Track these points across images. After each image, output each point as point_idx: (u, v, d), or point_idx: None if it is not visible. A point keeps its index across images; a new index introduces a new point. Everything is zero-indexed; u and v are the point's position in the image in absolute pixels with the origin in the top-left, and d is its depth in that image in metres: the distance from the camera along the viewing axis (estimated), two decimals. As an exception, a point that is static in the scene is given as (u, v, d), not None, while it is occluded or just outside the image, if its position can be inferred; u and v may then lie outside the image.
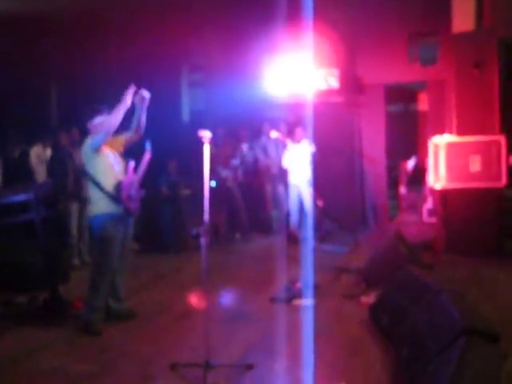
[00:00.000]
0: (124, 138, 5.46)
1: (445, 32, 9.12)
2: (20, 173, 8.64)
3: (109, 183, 5.19)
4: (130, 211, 5.29)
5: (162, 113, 8.68)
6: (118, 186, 5.19)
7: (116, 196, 5.18)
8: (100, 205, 5.22)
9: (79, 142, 8.15)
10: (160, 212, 8.92)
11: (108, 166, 5.23)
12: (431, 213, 10.03)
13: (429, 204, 10.31)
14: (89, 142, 5.25)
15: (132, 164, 5.36)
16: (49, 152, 8.79)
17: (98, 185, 5.17)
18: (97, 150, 5.16)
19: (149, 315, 5.63)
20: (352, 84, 9.97)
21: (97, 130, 5.29)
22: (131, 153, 5.52)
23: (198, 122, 10.89)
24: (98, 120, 5.32)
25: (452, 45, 8.77)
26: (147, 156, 5.53)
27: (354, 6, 9.84)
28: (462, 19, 8.80)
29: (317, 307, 5.69)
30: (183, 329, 5.28)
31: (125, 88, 5.27)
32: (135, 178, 5.41)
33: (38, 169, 8.75)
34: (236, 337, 5.00)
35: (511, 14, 9.10)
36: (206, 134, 4.38)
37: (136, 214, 5.44)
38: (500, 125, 8.36)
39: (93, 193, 5.28)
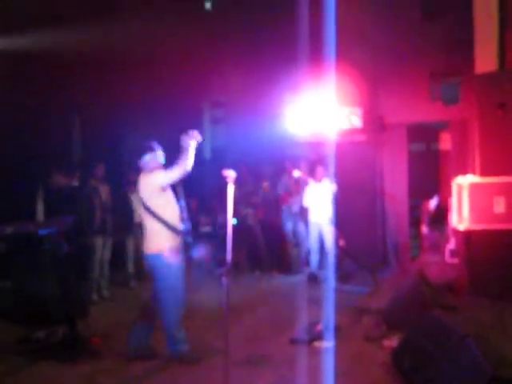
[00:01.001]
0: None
1: (467, 72, 9.12)
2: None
3: (172, 218, 5.29)
4: (189, 243, 5.40)
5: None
6: (181, 220, 5.33)
7: (179, 229, 5.28)
8: (162, 240, 5.26)
9: (105, 178, 8.29)
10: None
11: (171, 201, 5.35)
12: (454, 253, 9.87)
13: (451, 244, 10.17)
14: (160, 178, 5.27)
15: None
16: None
17: (162, 219, 5.22)
18: (165, 187, 5.28)
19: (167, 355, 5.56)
20: (374, 123, 9.98)
21: (149, 167, 5.38)
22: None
23: (220, 159, 10.95)
24: (150, 157, 5.40)
25: (475, 85, 8.77)
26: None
27: (377, 45, 9.91)
28: (485, 60, 8.80)
29: (338, 350, 5.58)
30: (202, 371, 5.20)
31: (147, 125, 5.34)
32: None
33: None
34: (257, 381, 4.91)
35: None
36: (230, 174, 4.39)
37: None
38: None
39: (155, 228, 5.29)
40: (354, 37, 9.72)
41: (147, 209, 5.30)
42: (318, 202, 8.98)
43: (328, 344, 5.72)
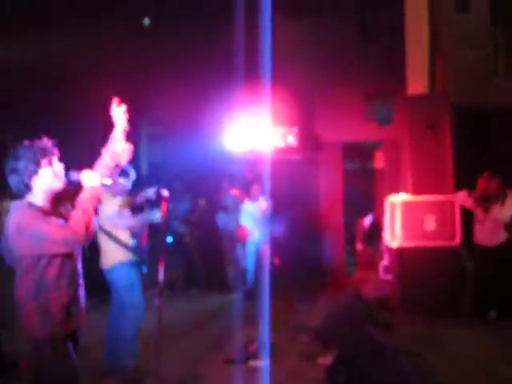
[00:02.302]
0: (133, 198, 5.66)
1: (400, 94, 9.38)
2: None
3: (123, 234, 5.42)
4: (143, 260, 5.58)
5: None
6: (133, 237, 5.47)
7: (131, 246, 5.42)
8: (116, 255, 5.40)
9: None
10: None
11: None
12: (387, 270, 10.06)
13: (385, 261, 10.36)
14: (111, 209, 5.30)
15: None
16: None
17: (113, 236, 5.36)
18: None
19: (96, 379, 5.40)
20: (310, 142, 10.12)
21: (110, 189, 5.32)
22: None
23: (157, 176, 10.84)
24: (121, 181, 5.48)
25: (406, 106, 9.03)
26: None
27: (313, 65, 10.09)
28: (416, 82, 9.10)
29: (273, 368, 5.58)
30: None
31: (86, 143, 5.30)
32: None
33: None
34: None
35: (463, 78, 9.45)
36: (163, 193, 4.37)
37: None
38: (454, 185, 8.56)
39: (107, 244, 5.41)
40: (290, 57, 9.87)
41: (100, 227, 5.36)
42: (254, 221, 8.99)
43: (263, 363, 5.71)
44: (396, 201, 8.23)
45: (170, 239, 8.68)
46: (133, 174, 5.58)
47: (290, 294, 9.15)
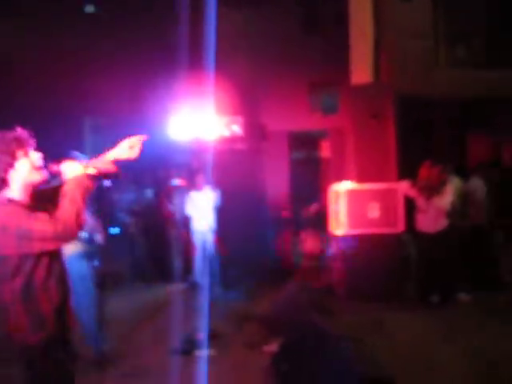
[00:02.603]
0: None
1: (344, 83, 9.45)
2: None
3: None
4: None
5: (61, 158, 8.42)
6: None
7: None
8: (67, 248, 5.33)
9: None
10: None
11: None
12: (333, 258, 10.18)
13: (331, 249, 10.47)
14: None
15: None
16: None
17: None
18: None
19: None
20: (255, 131, 10.12)
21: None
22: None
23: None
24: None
25: (350, 96, 9.11)
26: None
27: (258, 55, 10.07)
28: (360, 71, 9.18)
29: (218, 358, 5.58)
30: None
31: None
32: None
33: None
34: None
35: (406, 68, 9.59)
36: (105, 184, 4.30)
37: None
38: (397, 173, 8.70)
39: None
40: (235, 46, 9.83)
41: None
42: (200, 211, 8.93)
43: (208, 353, 5.70)
44: (340, 189, 8.31)
45: (116, 230, 8.56)
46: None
47: (238, 283, 9.18)
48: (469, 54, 10.31)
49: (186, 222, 9.28)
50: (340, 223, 8.29)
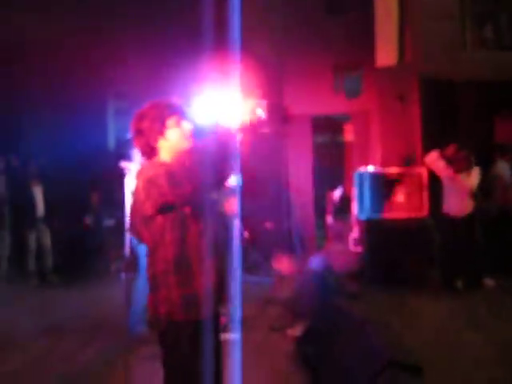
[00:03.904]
0: None
1: (369, 65, 9.34)
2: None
3: None
4: None
5: (87, 142, 8.48)
6: None
7: None
8: None
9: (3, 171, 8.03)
10: (82, 243, 8.66)
11: None
12: (357, 242, 10.13)
13: (355, 233, 10.42)
14: None
15: None
16: None
17: None
18: None
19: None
20: (279, 115, 10.05)
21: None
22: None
23: (124, 152, 10.69)
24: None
25: (375, 78, 9.01)
26: None
27: (281, 37, 9.98)
28: (385, 54, 9.07)
29: (243, 341, 5.57)
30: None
31: (48, 118, 5.16)
32: None
33: None
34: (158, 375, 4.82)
35: (432, 50, 9.45)
36: (128, 166, 4.29)
37: None
38: (422, 156, 8.59)
39: None
40: (259, 29, 9.74)
41: None
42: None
43: (233, 336, 5.71)
44: (365, 173, 8.25)
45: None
46: None
47: (260, 267, 9.18)
48: (496, 35, 10.12)
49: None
50: (364, 207, 8.24)
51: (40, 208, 8.49)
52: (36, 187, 8.53)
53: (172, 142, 2.88)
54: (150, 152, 2.87)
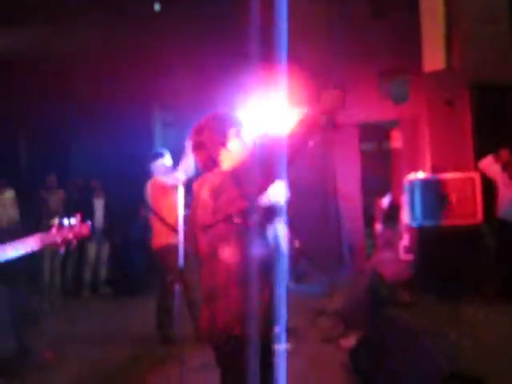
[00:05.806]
0: None
1: (416, 70, 9.20)
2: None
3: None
4: None
5: (135, 155, 8.57)
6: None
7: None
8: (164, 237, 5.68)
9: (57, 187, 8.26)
10: (132, 256, 8.75)
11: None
12: (408, 250, 9.95)
13: (405, 241, 10.24)
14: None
15: None
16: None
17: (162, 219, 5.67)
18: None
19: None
20: (326, 123, 9.97)
21: (159, 170, 5.81)
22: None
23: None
24: (161, 162, 5.85)
25: (423, 83, 8.86)
26: None
27: (326, 44, 9.91)
28: (432, 58, 8.92)
29: (293, 352, 5.50)
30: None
31: (95, 131, 5.27)
32: None
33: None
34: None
35: (480, 54, 9.24)
36: (179, 177, 4.33)
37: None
38: (474, 162, 8.39)
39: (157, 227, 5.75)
40: (304, 36, 9.70)
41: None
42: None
43: (283, 347, 5.64)
44: (416, 179, 8.10)
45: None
46: None
47: (310, 277, 9.10)
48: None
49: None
50: (415, 215, 8.08)
51: (100, 220, 8.65)
52: (98, 200, 8.73)
53: (234, 153, 2.87)
54: (211, 164, 2.86)
